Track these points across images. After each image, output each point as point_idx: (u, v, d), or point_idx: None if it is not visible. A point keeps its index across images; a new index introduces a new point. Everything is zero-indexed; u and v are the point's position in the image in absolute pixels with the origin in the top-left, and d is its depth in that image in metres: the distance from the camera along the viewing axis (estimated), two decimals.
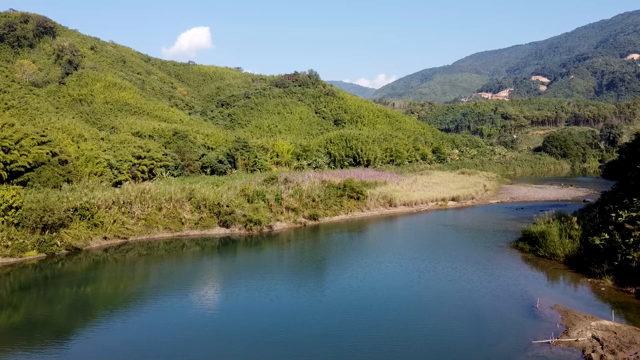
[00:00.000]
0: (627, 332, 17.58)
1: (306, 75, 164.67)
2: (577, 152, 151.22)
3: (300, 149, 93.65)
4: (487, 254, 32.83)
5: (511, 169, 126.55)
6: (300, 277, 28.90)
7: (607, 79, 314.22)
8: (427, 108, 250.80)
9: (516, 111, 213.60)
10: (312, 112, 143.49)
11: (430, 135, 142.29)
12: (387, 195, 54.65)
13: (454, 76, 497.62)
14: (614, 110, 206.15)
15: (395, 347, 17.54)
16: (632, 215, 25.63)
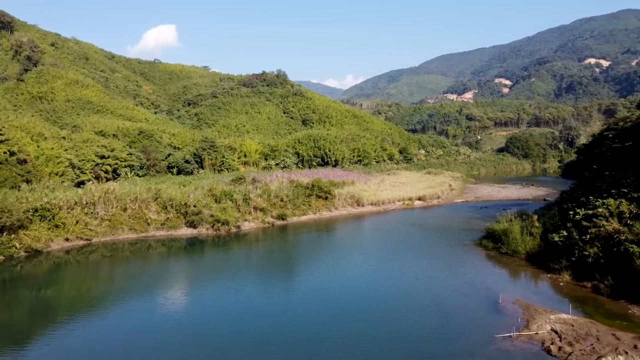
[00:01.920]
0: (584, 325, 18.31)
1: (274, 75, 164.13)
2: (538, 152, 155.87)
3: (269, 149, 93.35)
4: (452, 252, 33.54)
5: (475, 169, 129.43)
6: (269, 277, 28.84)
7: (566, 82, 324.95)
8: (395, 109, 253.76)
9: (480, 112, 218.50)
10: (280, 112, 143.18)
11: (398, 136, 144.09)
12: (354, 195, 55.09)
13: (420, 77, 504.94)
14: (572, 113, 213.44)
15: (364, 345, 17.76)
16: (589, 213, 26.68)
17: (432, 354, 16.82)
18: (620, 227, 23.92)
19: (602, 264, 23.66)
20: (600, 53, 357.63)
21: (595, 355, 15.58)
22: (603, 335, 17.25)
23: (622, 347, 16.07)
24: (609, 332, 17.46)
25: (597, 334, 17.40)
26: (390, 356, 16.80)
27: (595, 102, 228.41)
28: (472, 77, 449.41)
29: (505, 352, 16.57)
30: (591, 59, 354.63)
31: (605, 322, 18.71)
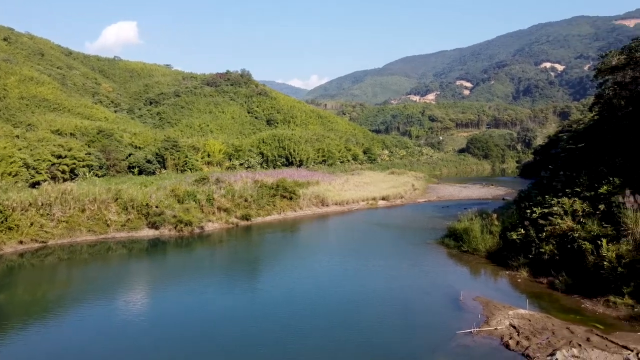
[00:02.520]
0: (540, 320, 18.95)
1: (238, 75, 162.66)
2: (497, 153, 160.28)
3: (233, 149, 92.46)
4: (416, 250, 34.10)
5: (438, 169, 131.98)
6: (233, 279, 28.57)
7: (524, 85, 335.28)
8: (359, 109, 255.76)
9: (442, 114, 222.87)
10: (244, 112, 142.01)
11: (362, 136, 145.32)
12: (319, 195, 55.24)
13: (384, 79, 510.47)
14: (529, 115, 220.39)
15: (328, 344, 17.83)
16: (545, 211, 27.62)
17: (395, 352, 17.06)
18: (574, 225, 24.87)
19: (557, 261, 24.55)
20: (555, 57, 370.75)
21: (550, 349, 16.15)
22: (558, 329, 17.89)
23: (575, 340, 16.71)
24: (563, 326, 18.13)
25: (553, 328, 18.03)
26: (354, 355, 16.94)
27: (550, 104, 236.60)
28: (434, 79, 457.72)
29: (465, 347, 16.97)
30: (547, 63, 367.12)
31: (560, 317, 19.41)
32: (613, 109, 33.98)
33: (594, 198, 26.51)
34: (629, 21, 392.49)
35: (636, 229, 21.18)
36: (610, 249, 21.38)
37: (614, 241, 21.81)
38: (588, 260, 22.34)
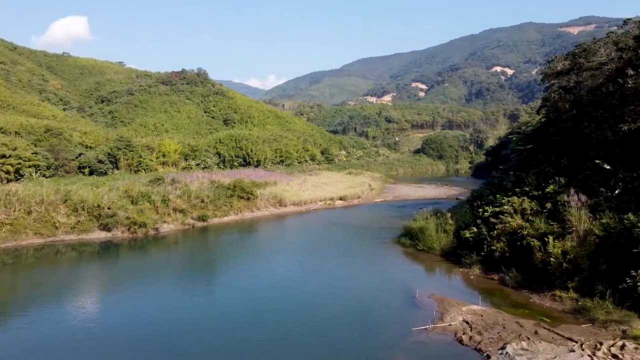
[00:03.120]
0: (492, 315, 19.61)
1: (194, 74, 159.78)
2: (451, 154, 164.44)
3: (189, 149, 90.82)
4: (373, 250, 34.53)
5: (394, 169, 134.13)
6: (190, 281, 28.06)
7: (476, 88, 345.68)
8: (316, 110, 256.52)
9: (398, 115, 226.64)
10: (200, 112, 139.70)
11: (319, 137, 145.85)
12: (277, 196, 55.07)
13: (341, 80, 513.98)
14: (481, 117, 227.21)
15: (286, 344, 17.80)
16: (496, 210, 28.59)
17: (353, 349, 17.23)
18: (523, 223, 25.86)
19: (507, 258, 25.47)
20: (505, 62, 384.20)
21: (501, 343, 16.73)
22: (508, 323, 18.56)
23: (524, 333, 17.39)
24: (513, 321, 18.83)
25: (504, 322, 18.69)
26: (313, 354, 17.00)
27: (501, 107, 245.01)
28: (390, 80, 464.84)
29: (421, 344, 17.34)
30: (497, 67, 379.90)
31: (510, 311, 20.15)
32: (558, 112, 35.50)
33: (542, 197, 27.66)
34: (573, 29, 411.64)
35: (580, 226, 22.24)
36: (556, 245, 22.36)
37: (559, 238, 22.82)
38: (536, 256, 23.28)
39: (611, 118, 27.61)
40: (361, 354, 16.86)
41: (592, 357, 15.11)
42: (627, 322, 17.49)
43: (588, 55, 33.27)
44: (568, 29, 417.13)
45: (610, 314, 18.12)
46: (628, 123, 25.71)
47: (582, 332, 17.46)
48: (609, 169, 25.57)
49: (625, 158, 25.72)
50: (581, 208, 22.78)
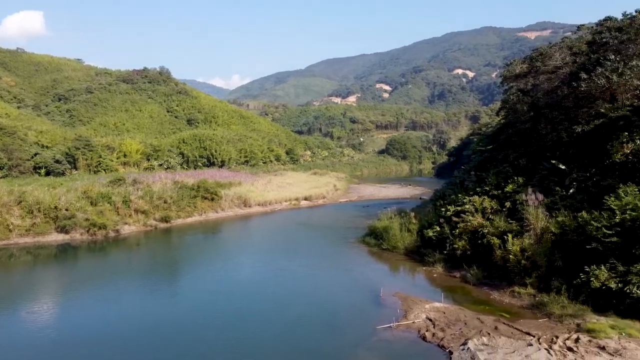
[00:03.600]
0: (454, 312, 20.06)
1: (157, 72, 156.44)
2: (415, 154, 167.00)
3: (151, 149, 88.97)
4: (338, 249, 34.71)
5: (359, 169, 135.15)
6: (152, 283, 27.51)
7: (438, 89, 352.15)
8: (281, 110, 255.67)
9: (363, 116, 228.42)
10: (163, 111, 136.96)
11: (284, 137, 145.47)
12: (242, 196, 54.65)
13: (306, 80, 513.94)
14: (443, 118, 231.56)
15: (253, 345, 17.70)
16: (458, 209, 29.25)
17: (319, 348, 17.30)
18: (483, 222, 26.56)
19: (469, 256, 26.11)
20: (466, 65, 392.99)
21: (463, 338, 17.14)
22: (470, 319, 19.03)
23: (485, 329, 17.87)
24: (474, 317, 19.31)
25: (465, 318, 19.15)
26: (277, 355, 16.97)
27: (462, 108, 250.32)
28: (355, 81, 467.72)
29: (386, 342, 17.56)
30: (459, 69, 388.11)
31: (472, 308, 20.65)
32: (517, 114, 36.61)
33: (501, 196, 28.48)
34: (530, 33, 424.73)
35: (537, 224, 23.01)
36: (515, 243, 23.07)
37: (518, 236, 23.55)
38: (496, 254, 23.95)
39: (566, 120, 28.69)
40: (326, 353, 16.94)
41: (548, 350, 15.65)
42: (581, 316, 18.20)
43: (544, 59, 34.45)
44: (525, 34, 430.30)
45: (566, 308, 18.82)
46: (581, 125, 26.77)
47: (540, 326, 18.07)
48: (564, 169, 26.56)
49: (579, 158, 26.77)
50: (538, 207, 23.57)
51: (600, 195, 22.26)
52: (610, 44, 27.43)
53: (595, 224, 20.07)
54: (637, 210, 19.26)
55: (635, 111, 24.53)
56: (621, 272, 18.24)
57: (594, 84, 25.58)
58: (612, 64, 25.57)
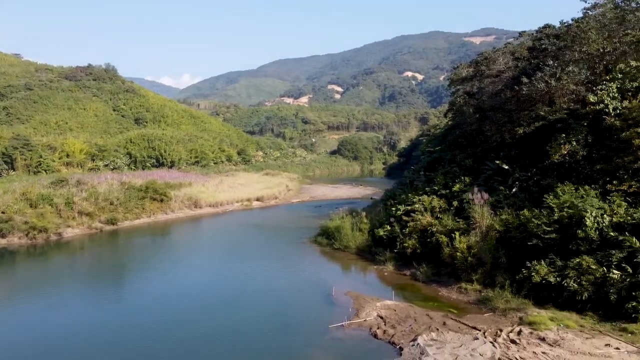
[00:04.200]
0: (404, 309, 20.48)
1: (102, 69, 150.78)
2: (366, 155, 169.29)
3: (96, 149, 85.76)
4: (290, 250, 34.67)
5: (311, 170, 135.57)
6: (96, 288, 26.48)
7: (389, 91, 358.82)
8: (233, 110, 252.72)
9: (315, 116, 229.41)
10: (109, 110, 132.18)
11: (236, 137, 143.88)
12: (192, 197, 53.61)
13: (258, 80, 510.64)
14: (394, 119, 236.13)
15: (203, 348, 17.39)
16: (408, 209, 29.91)
17: (271, 349, 17.22)
18: (432, 221, 27.28)
19: (419, 254, 26.73)
20: (415, 67, 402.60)
21: (413, 334, 17.53)
22: (419, 316, 19.49)
23: (434, 324, 18.35)
24: (424, 313, 19.79)
25: (415, 315, 19.59)
26: (230, 356, 16.77)
27: (412, 110, 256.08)
28: (307, 82, 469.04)
29: (338, 340, 17.70)
30: (408, 72, 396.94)
31: (421, 305, 21.15)
32: (463, 116, 37.85)
33: (449, 195, 29.38)
34: (475, 38, 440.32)
35: (482, 222, 23.86)
36: (462, 241, 23.82)
37: (465, 234, 24.34)
38: (444, 252, 24.64)
39: (509, 122, 29.91)
40: (278, 353, 16.89)
41: (493, 343, 16.26)
42: (523, 310, 19.03)
43: (489, 63, 35.81)
44: (471, 39, 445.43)
45: (509, 302, 19.61)
46: (523, 127, 27.99)
47: (485, 320, 18.74)
48: (508, 169, 27.70)
49: (522, 159, 28.01)
50: (484, 205, 24.43)
51: (541, 194, 23.37)
52: (549, 50, 28.83)
53: (536, 222, 21.04)
54: (574, 208, 20.34)
55: (571, 114, 25.91)
56: (559, 266, 19.21)
57: (534, 87, 26.80)
58: (551, 69, 26.88)
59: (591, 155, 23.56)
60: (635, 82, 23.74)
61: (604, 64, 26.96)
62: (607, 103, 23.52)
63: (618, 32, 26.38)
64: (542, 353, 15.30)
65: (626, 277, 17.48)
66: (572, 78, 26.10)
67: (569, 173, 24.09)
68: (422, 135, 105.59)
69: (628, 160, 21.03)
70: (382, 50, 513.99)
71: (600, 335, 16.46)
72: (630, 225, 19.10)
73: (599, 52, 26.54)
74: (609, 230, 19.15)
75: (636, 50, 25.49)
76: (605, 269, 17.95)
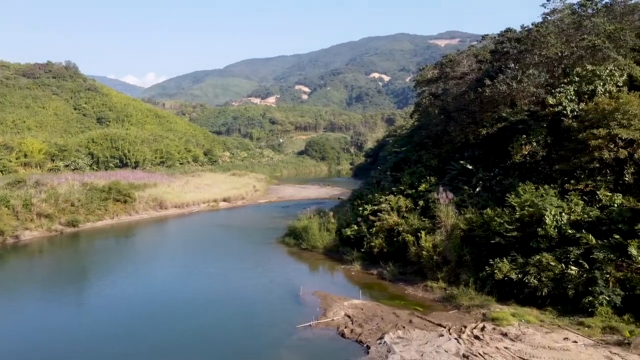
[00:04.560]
0: (371, 308, 20.66)
1: (62, 67, 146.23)
2: (333, 155, 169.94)
3: (56, 149, 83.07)
4: (257, 250, 34.47)
5: (278, 170, 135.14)
6: (55, 293, 25.65)
7: (356, 92, 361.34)
8: (199, 110, 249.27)
9: (282, 117, 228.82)
10: (70, 108, 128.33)
11: (202, 137, 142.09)
12: (157, 198, 52.60)
13: (225, 80, 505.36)
14: (361, 120, 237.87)
15: (170, 351, 17.09)
16: (375, 208, 30.20)
17: (239, 350, 17.08)
18: (399, 220, 27.62)
19: (386, 253, 27.00)
20: (382, 69, 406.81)
21: (380, 333, 17.70)
22: (386, 314, 19.69)
23: (400, 322, 18.58)
24: (390, 312, 20.01)
25: (382, 314, 19.79)
26: (196, 357, 16.54)
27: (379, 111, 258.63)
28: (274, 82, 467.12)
29: (305, 340, 17.70)
30: (375, 73, 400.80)
31: (388, 303, 21.38)
32: (429, 116, 38.48)
33: (415, 195, 29.81)
34: (440, 41, 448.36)
35: (447, 221, 24.32)
36: (428, 240, 24.21)
37: (430, 233, 24.74)
38: (411, 251, 24.98)
39: (473, 123, 30.61)
40: (245, 354, 16.79)
41: (457, 339, 16.59)
42: (486, 306, 19.49)
43: (453, 65, 36.54)
44: (436, 42, 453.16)
45: (473, 299, 20.05)
46: (486, 128, 28.69)
47: (450, 317, 19.10)
48: (472, 169, 28.32)
49: (485, 159, 28.70)
50: (449, 205, 24.91)
51: (503, 194, 24.01)
52: (511, 53, 29.66)
53: (498, 220, 21.60)
54: (534, 207, 20.98)
55: (532, 115, 26.71)
56: (520, 263, 19.76)
57: (496, 90, 27.52)
58: (512, 72, 27.67)
59: (550, 156, 24.36)
60: (591, 85, 24.66)
61: (562, 67, 27.92)
62: (565, 105, 24.35)
63: (575, 37, 27.39)
64: (504, 348, 15.70)
65: (583, 273, 18.13)
66: (532, 81, 26.92)
67: (529, 173, 24.84)
68: (388, 135, 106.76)
69: (585, 160, 21.81)
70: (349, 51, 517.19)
71: (559, 330, 17.03)
72: (586, 222, 19.85)
73: (558, 56, 27.48)
74: (567, 228, 19.84)
75: (592, 54, 26.50)
76: (564, 266, 18.57)
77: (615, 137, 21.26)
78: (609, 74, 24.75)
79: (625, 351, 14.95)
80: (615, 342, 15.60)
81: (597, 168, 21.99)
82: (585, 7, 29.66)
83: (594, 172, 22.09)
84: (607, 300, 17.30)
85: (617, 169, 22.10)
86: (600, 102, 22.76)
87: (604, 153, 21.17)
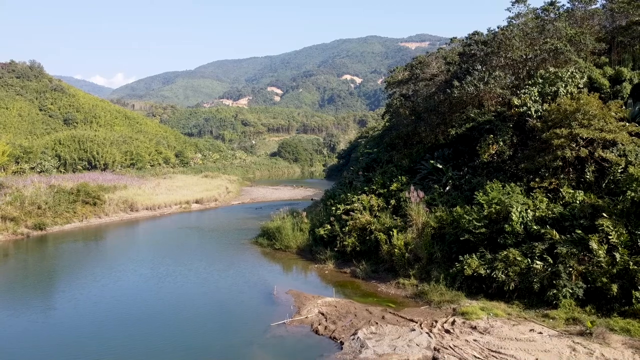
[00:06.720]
0: (344, 305, 20.94)
1: (27, 66, 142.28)
2: (306, 157, 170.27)
3: (21, 151, 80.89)
4: (231, 251, 34.36)
5: (251, 172, 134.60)
6: (23, 297, 25.07)
7: (328, 94, 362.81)
8: (170, 111, 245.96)
9: (254, 118, 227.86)
10: (35, 109, 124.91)
11: (173, 139, 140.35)
12: (128, 200, 51.79)
13: (196, 81, 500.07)
14: (333, 122, 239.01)
15: (140, 353, 16.96)
16: (347, 208, 30.54)
17: (213, 349, 17.08)
18: (371, 219, 28.02)
19: (358, 252, 27.35)
20: (354, 71, 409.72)
21: (353, 329, 17.98)
22: (359, 311, 20.00)
23: (373, 319, 18.91)
24: (363, 308, 20.33)
25: (355, 311, 20.09)
26: (170, 356, 16.50)
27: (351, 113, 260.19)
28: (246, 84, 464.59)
29: (279, 337, 17.84)
30: (347, 75, 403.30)
31: (361, 301, 21.70)
32: (400, 117, 39.10)
33: (387, 194, 30.29)
34: (410, 44, 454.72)
35: (418, 219, 24.82)
36: (399, 238, 24.67)
37: (402, 231, 25.21)
38: (383, 249, 25.40)
39: (442, 123, 31.31)
40: (219, 352, 16.81)
41: (429, 334, 17.01)
42: (456, 301, 20.01)
43: (423, 67, 37.25)
44: (407, 44, 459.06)
45: (444, 295, 20.54)
46: (455, 128, 29.43)
47: (421, 313, 19.55)
48: (442, 168, 28.96)
49: (454, 158, 29.38)
50: (420, 203, 25.44)
51: (472, 192, 24.68)
52: (478, 55, 30.47)
53: (468, 217, 22.20)
54: (501, 204, 21.65)
55: (498, 116, 27.53)
56: (489, 259, 20.37)
57: (464, 91, 28.23)
58: (479, 74, 28.44)
59: (516, 155, 25.17)
60: (554, 87, 25.58)
61: (527, 69, 28.86)
62: (530, 106, 25.20)
63: (539, 40, 28.35)
64: (473, 340, 16.19)
65: (547, 267, 18.83)
66: (499, 82, 27.74)
67: (497, 171, 25.60)
68: (360, 137, 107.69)
69: (548, 159, 22.63)
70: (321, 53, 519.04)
71: (525, 322, 17.65)
72: (550, 219, 20.60)
73: (522, 59, 28.40)
74: (532, 224, 20.56)
75: (554, 57, 27.50)
76: (529, 260, 19.24)
77: (576, 136, 22.13)
78: (571, 76, 25.74)
79: (587, 340, 15.61)
80: (578, 333, 16.27)
81: (560, 166, 22.84)
82: (547, 11, 30.73)
83: (557, 170, 22.93)
84: (570, 292, 18.01)
85: (578, 167, 23.02)
86: (562, 103, 23.64)
87: (566, 152, 22.00)
